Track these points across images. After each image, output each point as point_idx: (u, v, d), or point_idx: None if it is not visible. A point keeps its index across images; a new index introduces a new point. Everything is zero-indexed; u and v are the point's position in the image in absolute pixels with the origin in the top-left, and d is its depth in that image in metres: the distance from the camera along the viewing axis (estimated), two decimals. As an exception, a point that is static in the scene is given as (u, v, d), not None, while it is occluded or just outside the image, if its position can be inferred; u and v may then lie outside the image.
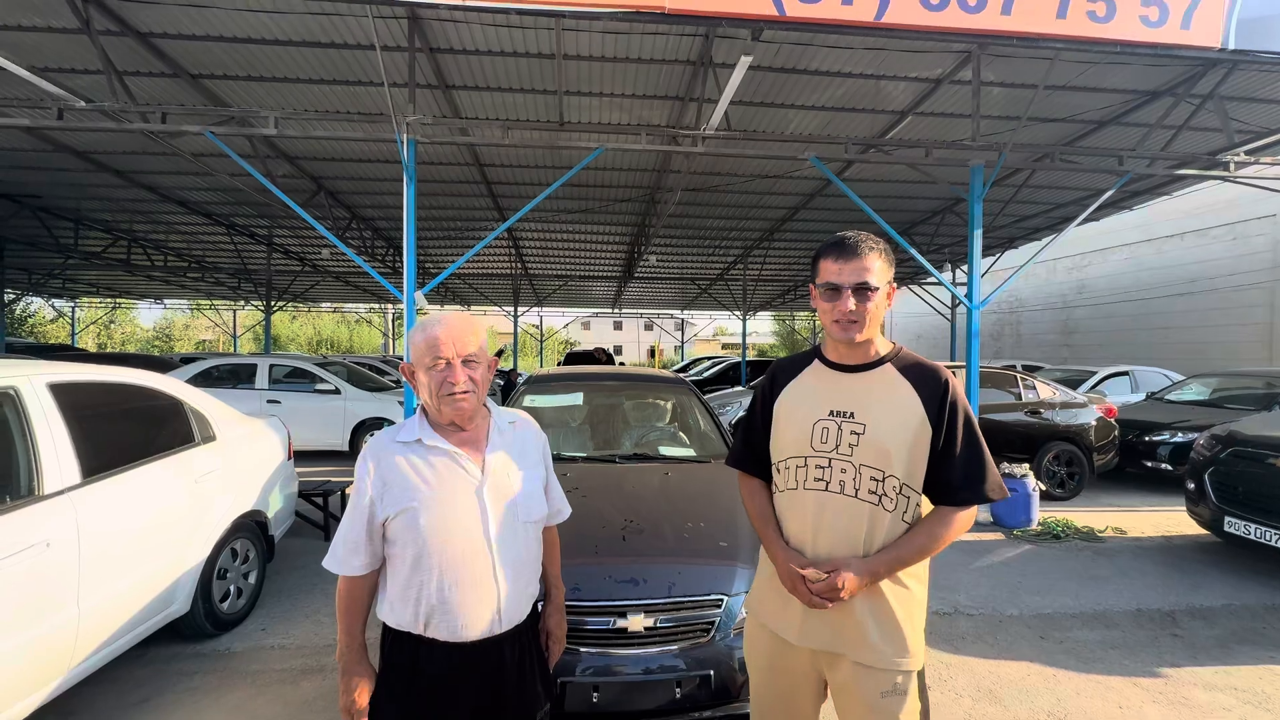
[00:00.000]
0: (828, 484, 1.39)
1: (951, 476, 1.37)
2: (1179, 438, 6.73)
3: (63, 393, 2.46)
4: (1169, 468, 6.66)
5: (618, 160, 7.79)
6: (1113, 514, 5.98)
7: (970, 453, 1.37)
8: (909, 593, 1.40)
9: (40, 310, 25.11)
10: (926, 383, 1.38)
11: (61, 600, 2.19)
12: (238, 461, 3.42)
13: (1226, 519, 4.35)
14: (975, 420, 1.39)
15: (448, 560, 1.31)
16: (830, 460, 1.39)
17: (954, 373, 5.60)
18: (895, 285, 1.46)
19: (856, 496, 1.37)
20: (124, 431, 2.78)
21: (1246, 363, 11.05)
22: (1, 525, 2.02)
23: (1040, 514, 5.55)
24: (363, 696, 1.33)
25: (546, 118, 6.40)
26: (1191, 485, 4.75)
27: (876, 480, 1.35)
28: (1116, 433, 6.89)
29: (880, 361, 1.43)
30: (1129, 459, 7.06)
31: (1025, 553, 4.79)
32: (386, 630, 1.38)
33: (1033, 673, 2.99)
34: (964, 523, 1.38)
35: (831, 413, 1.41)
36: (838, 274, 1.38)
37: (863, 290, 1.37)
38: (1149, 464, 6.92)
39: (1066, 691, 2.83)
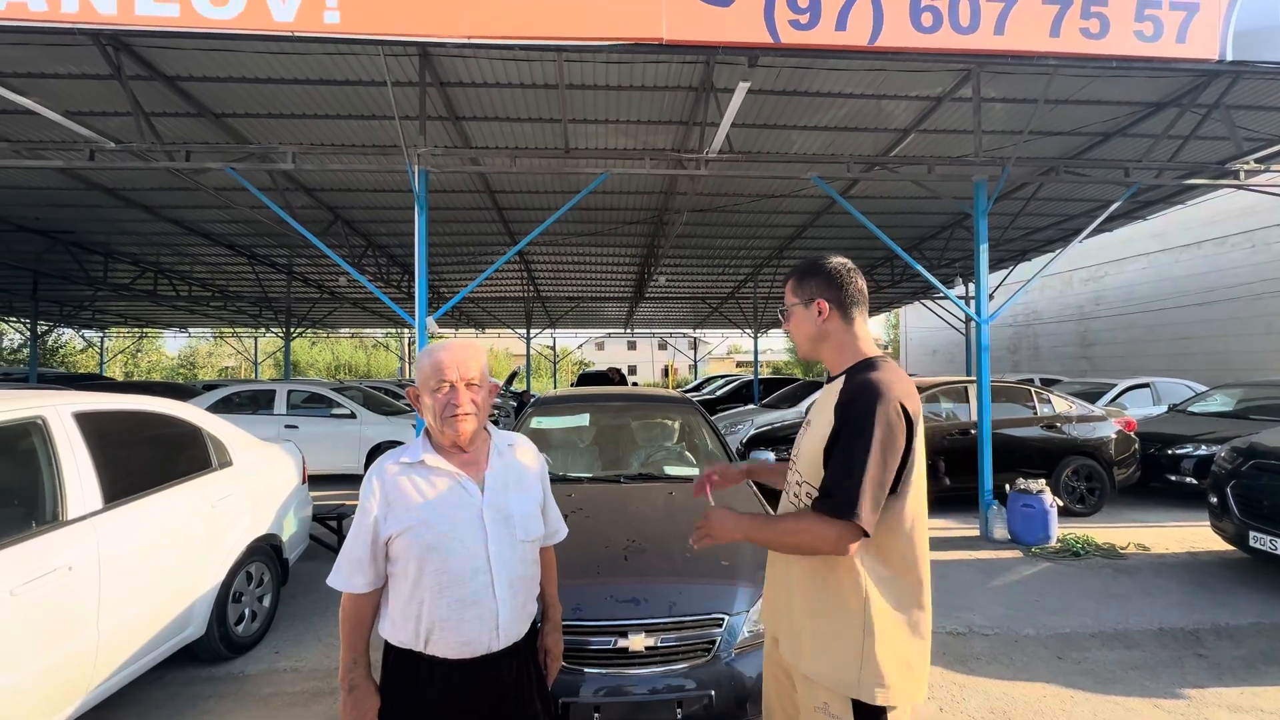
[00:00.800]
0: (788, 486, 1.52)
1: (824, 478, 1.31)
2: (1203, 450, 6.57)
3: (87, 421, 2.57)
4: (1194, 481, 6.49)
5: (625, 183, 7.93)
6: (1135, 530, 5.83)
7: (840, 458, 1.27)
8: (842, 613, 1.30)
9: (70, 341, 25.91)
10: (846, 389, 1.34)
11: (82, 623, 2.27)
12: (253, 486, 3.50)
13: (1251, 534, 4.23)
14: (870, 432, 1.24)
15: (448, 577, 1.36)
16: (791, 464, 1.53)
17: (946, 386, 5.42)
18: (825, 302, 1.43)
19: (790, 497, 1.48)
20: (144, 458, 2.88)
21: (1271, 372, 10.77)
22: (27, 550, 2.12)
23: (1060, 531, 5.44)
24: (372, 712, 1.37)
25: (554, 144, 6.55)
26: (1214, 499, 4.63)
27: (799, 484, 1.43)
28: (1137, 446, 6.75)
29: (839, 375, 1.44)
30: (1152, 473, 6.90)
31: (1043, 571, 4.69)
32: (389, 648, 1.42)
33: (1049, 694, 2.93)
34: (819, 531, 1.24)
35: (806, 422, 1.52)
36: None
37: (784, 312, 1.56)
38: (1173, 478, 6.76)
39: (1083, 713, 2.76)
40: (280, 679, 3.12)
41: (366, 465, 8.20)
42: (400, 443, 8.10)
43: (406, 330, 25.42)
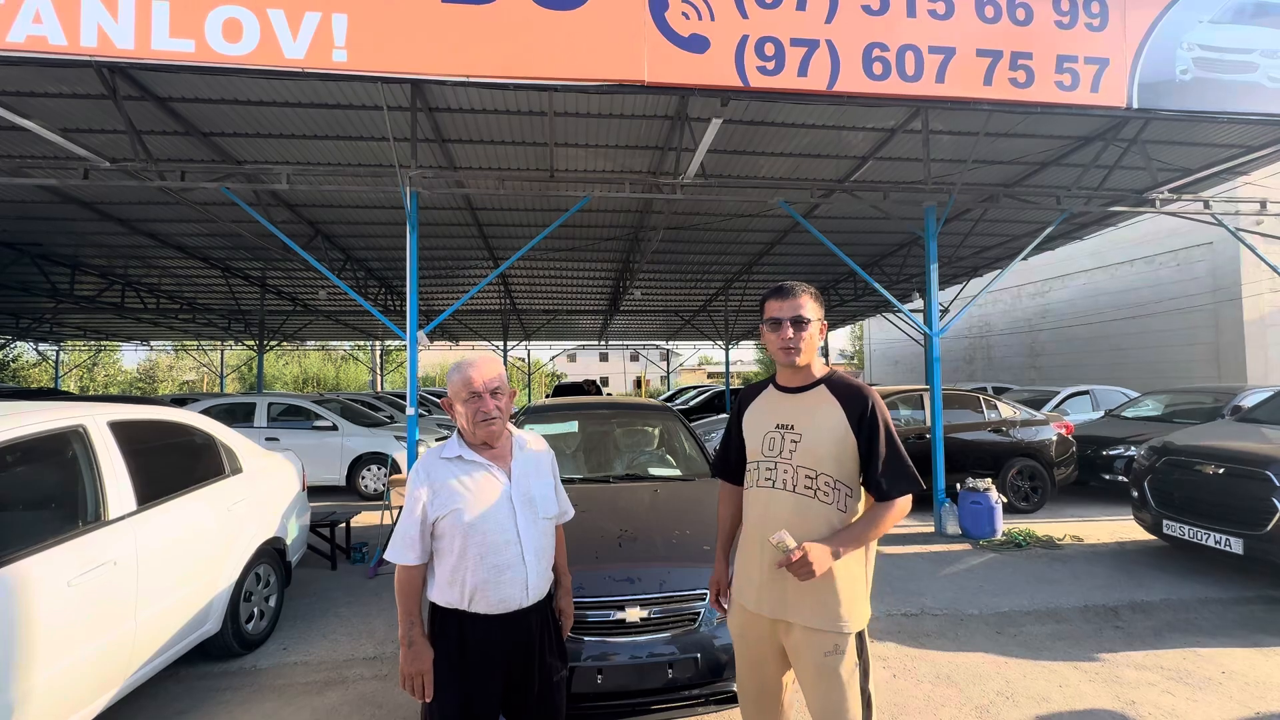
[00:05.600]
0: (774, 482, 1.76)
1: (878, 478, 1.68)
2: (1132, 451, 7.21)
3: (120, 429, 2.78)
4: (1124, 480, 7.11)
5: (603, 202, 8.29)
6: (1072, 524, 6.40)
7: (889, 455, 1.68)
8: (846, 569, 1.69)
9: (22, 354, 24.89)
10: (851, 400, 1.72)
11: (123, 615, 2.47)
12: (261, 492, 3.71)
13: (1165, 522, 4.78)
14: (894, 429, 1.72)
15: (487, 548, 1.68)
16: (775, 463, 1.76)
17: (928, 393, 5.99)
18: (826, 323, 1.86)
19: (794, 491, 1.72)
20: (168, 464, 3.08)
21: (1197, 380, 11.73)
22: (82, 544, 2.33)
23: (1005, 525, 5.96)
24: (429, 661, 1.66)
25: (537, 165, 6.88)
26: (1135, 493, 5.19)
27: (810, 478, 1.71)
28: (1074, 448, 7.36)
29: (816, 384, 1.81)
30: (1089, 473, 7.53)
31: (989, 560, 5.17)
32: (435, 609, 1.72)
33: (987, 661, 3.35)
34: (898, 512, 1.69)
35: (777, 425, 1.79)
36: (779, 310, 1.79)
37: (798, 321, 1.76)
38: (1106, 477, 7.40)
39: (1015, 675, 3.19)
40: (292, 671, 3.32)
41: (349, 478, 8.30)
42: (383, 454, 8.26)
43: (378, 343, 25.21)
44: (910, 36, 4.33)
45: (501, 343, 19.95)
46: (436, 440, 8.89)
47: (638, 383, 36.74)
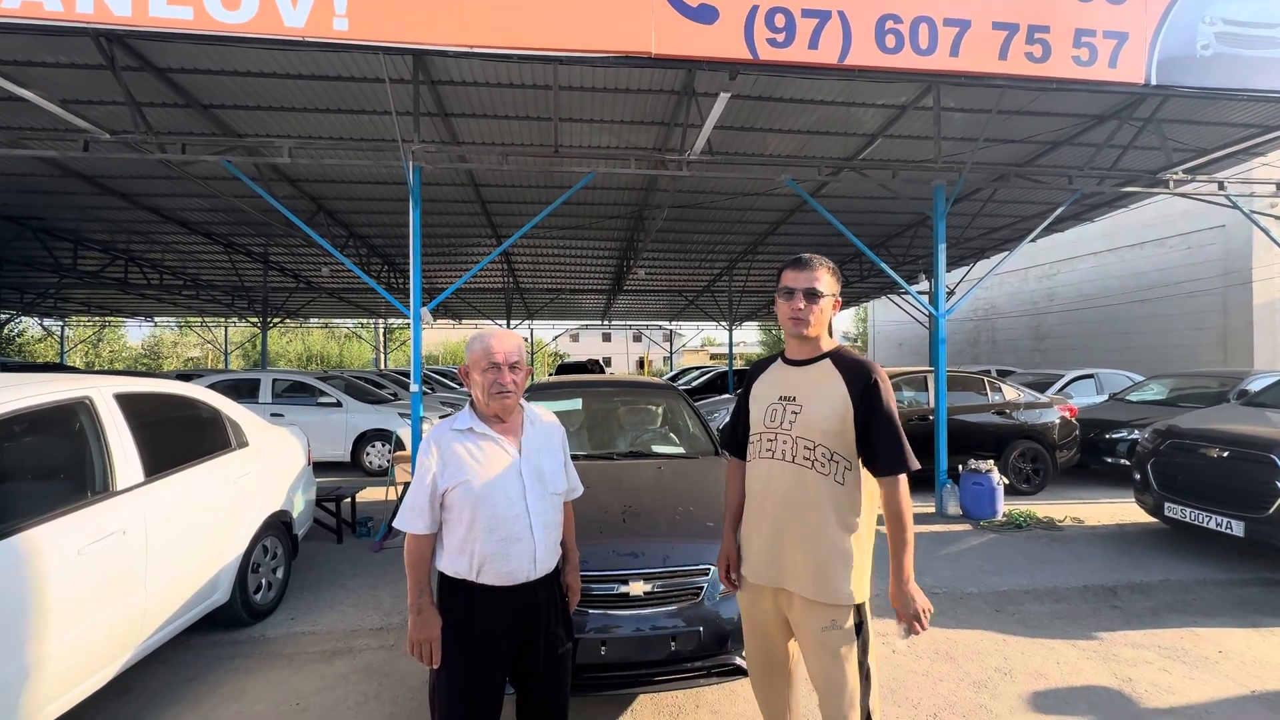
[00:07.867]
0: (774, 453, 1.77)
1: (874, 450, 1.68)
2: (1135, 435, 7.20)
3: (126, 401, 2.79)
4: (1127, 463, 7.11)
5: (608, 180, 8.19)
6: (1074, 506, 6.42)
7: (886, 431, 1.67)
8: (841, 540, 1.71)
9: (27, 329, 24.97)
10: (854, 375, 1.72)
11: (133, 584, 2.51)
12: (267, 465, 3.74)
13: (1167, 505, 4.79)
14: (894, 407, 1.70)
15: (496, 520, 1.69)
16: (776, 434, 1.77)
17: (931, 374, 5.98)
18: (840, 300, 1.84)
19: (793, 462, 1.73)
20: (175, 436, 3.10)
21: (1204, 365, 11.67)
22: (91, 514, 2.36)
23: (1006, 507, 5.98)
24: (437, 629, 1.69)
25: (540, 141, 6.79)
26: (1137, 475, 5.20)
27: (809, 449, 1.72)
28: (1077, 431, 7.36)
29: (822, 357, 1.80)
30: (1091, 456, 7.53)
31: (989, 541, 5.20)
32: (444, 579, 1.74)
33: (985, 639, 3.38)
34: (903, 490, 1.68)
35: (780, 397, 1.80)
36: (793, 280, 1.77)
37: (811, 294, 1.74)
38: (1109, 460, 7.40)
39: (1013, 652, 3.22)
40: (300, 641, 3.38)
41: (353, 454, 8.36)
42: (387, 431, 8.30)
43: (381, 321, 25.21)
44: (924, 8, 4.22)
45: (505, 322, 19.90)
46: (440, 418, 8.93)
47: (640, 363, 36.76)
